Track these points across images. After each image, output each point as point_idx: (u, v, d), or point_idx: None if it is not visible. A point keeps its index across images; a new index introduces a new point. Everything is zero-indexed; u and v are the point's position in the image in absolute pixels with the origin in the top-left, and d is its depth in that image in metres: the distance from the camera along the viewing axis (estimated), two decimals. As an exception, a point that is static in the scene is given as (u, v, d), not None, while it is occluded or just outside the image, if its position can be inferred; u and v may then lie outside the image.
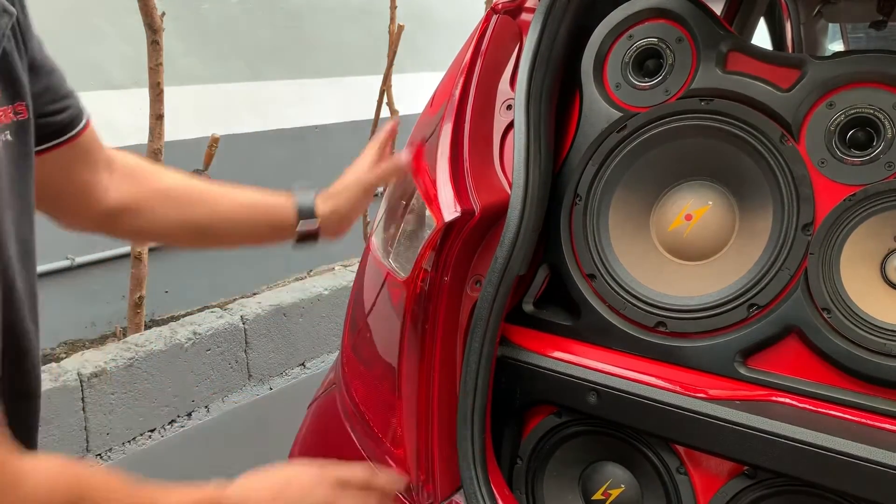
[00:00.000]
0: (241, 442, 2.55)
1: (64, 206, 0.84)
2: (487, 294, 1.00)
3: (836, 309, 0.92)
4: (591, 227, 1.09)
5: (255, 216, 0.94)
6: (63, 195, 0.82)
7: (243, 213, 0.93)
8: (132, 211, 0.87)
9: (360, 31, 4.59)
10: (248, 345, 2.82)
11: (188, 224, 0.90)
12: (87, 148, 0.81)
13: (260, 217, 0.95)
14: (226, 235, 0.94)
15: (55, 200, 0.82)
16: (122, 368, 2.40)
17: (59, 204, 0.83)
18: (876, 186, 0.92)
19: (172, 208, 0.89)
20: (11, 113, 0.65)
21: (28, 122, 0.67)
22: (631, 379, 0.99)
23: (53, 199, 0.81)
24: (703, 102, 1.04)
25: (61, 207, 0.84)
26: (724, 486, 0.96)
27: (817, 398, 0.92)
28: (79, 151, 0.80)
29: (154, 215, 0.88)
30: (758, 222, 1.01)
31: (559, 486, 1.09)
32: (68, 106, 0.77)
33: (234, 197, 0.93)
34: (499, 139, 1.11)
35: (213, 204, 0.91)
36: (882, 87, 0.94)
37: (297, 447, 1.31)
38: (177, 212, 0.89)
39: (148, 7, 2.39)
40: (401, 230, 1.12)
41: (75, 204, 0.83)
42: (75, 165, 0.80)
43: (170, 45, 2.62)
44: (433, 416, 1.00)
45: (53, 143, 0.76)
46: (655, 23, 1.09)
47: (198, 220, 0.91)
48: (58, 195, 0.81)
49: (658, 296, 1.04)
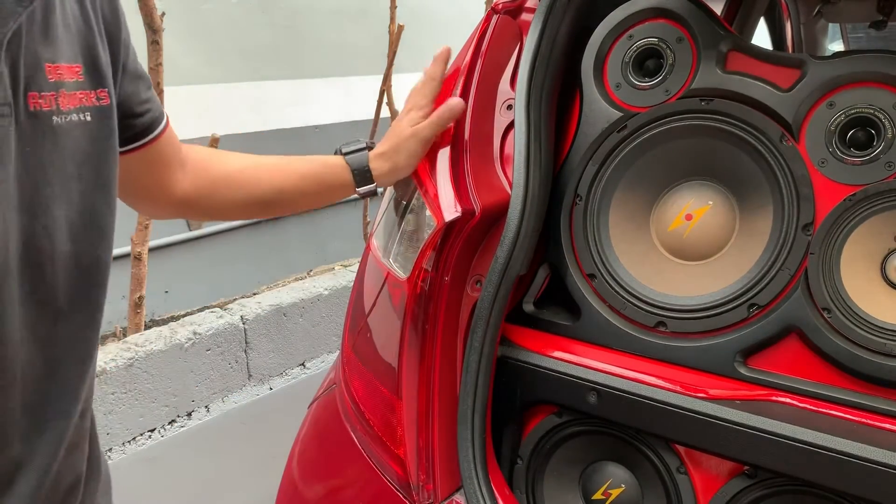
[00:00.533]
0: (241, 442, 2.55)
1: (143, 199, 0.93)
2: (488, 294, 1.00)
3: (837, 309, 0.92)
4: (592, 226, 1.09)
5: (314, 186, 1.02)
6: (143, 190, 0.90)
7: (302, 184, 1.01)
8: (203, 198, 0.96)
9: (360, 31, 4.59)
10: (247, 345, 2.82)
11: (253, 201, 0.99)
12: (166, 148, 0.88)
13: (319, 187, 1.03)
14: (288, 205, 1.04)
15: (135, 194, 0.90)
16: (122, 368, 2.40)
17: (139, 196, 0.92)
18: (876, 186, 0.92)
19: (238, 189, 0.98)
20: (94, 98, 0.70)
21: (110, 108, 0.72)
22: (631, 379, 0.99)
23: (134, 193, 0.89)
24: (703, 102, 1.04)
25: (141, 199, 0.93)
26: (724, 485, 0.96)
27: (817, 398, 0.92)
28: (159, 152, 0.86)
29: (223, 198, 0.98)
30: (758, 222, 1.01)
31: (559, 485, 1.09)
32: (149, 109, 0.83)
33: (294, 170, 1.01)
34: (499, 139, 1.11)
35: (273, 181, 1.00)
36: (882, 86, 0.94)
37: (297, 447, 1.31)
38: (242, 192, 0.98)
39: (148, 7, 2.39)
40: (401, 230, 1.12)
41: (154, 197, 0.92)
42: (155, 165, 0.88)
43: (170, 45, 2.62)
44: (433, 415, 1.00)
45: (137, 145, 0.83)
46: (655, 23, 1.09)
47: (261, 197, 0.99)
48: (138, 190, 0.89)
49: (658, 296, 1.04)
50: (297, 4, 4.45)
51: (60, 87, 0.66)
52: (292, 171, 1.01)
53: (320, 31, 4.50)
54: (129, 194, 0.89)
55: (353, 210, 3.94)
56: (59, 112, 0.65)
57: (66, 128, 0.66)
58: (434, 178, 1.04)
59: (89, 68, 0.70)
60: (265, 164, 1.01)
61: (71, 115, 0.67)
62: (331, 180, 1.02)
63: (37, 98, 0.63)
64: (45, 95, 0.64)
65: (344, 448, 1.15)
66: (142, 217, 2.55)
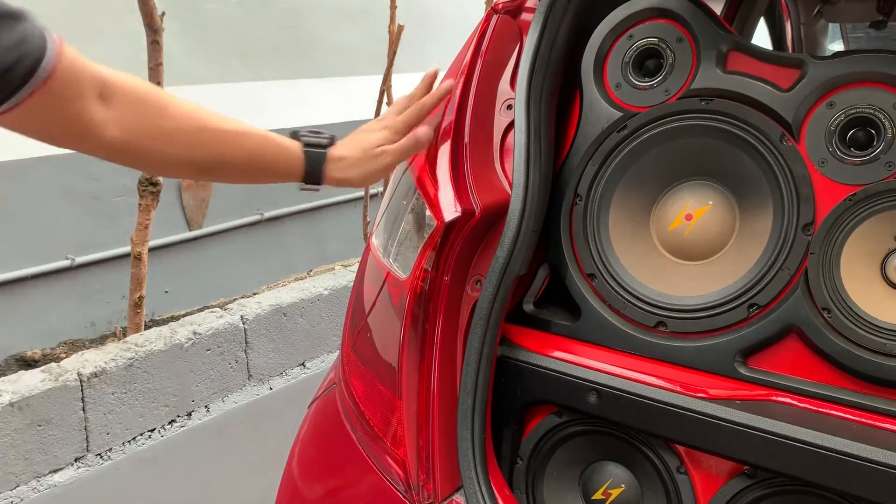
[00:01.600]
0: (241, 442, 2.55)
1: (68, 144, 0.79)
2: (488, 294, 1.00)
3: (837, 309, 0.92)
4: (592, 226, 1.09)
5: (260, 167, 0.94)
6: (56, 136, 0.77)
7: (249, 163, 0.93)
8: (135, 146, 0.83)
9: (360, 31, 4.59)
10: (247, 345, 2.82)
11: (190, 163, 0.90)
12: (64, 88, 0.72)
13: (265, 170, 0.95)
14: (227, 177, 0.96)
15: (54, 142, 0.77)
16: (122, 368, 2.40)
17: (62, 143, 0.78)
18: (876, 186, 0.92)
19: (178, 148, 0.87)
20: None
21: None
22: (631, 379, 0.99)
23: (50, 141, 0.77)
24: (703, 102, 1.04)
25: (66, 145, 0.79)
26: (724, 485, 0.96)
27: (817, 398, 0.92)
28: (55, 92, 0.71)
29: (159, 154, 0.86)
30: (758, 222, 1.01)
31: (559, 485, 1.09)
32: (19, 56, 0.67)
33: (245, 146, 0.92)
34: (499, 139, 1.11)
35: (218, 148, 0.90)
36: (882, 86, 0.94)
37: (297, 446, 1.31)
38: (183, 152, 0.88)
39: (148, 7, 2.39)
40: (401, 230, 1.12)
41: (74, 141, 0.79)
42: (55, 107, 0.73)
43: (170, 45, 2.62)
44: (433, 415, 1.00)
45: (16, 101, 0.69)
46: (655, 22, 1.09)
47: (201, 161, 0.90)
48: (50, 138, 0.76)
49: (658, 296, 1.04)
50: (297, 4, 4.45)
51: None
52: (243, 148, 0.92)
53: (320, 31, 4.51)
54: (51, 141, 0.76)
55: (353, 210, 3.94)
56: None
57: None
58: (434, 177, 1.04)
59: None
60: (214, 128, 0.90)
61: None
62: (280, 167, 0.95)
63: None
64: None
65: (344, 448, 1.15)
66: (142, 217, 2.55)
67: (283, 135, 0.96)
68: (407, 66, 3.88)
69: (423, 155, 1.10)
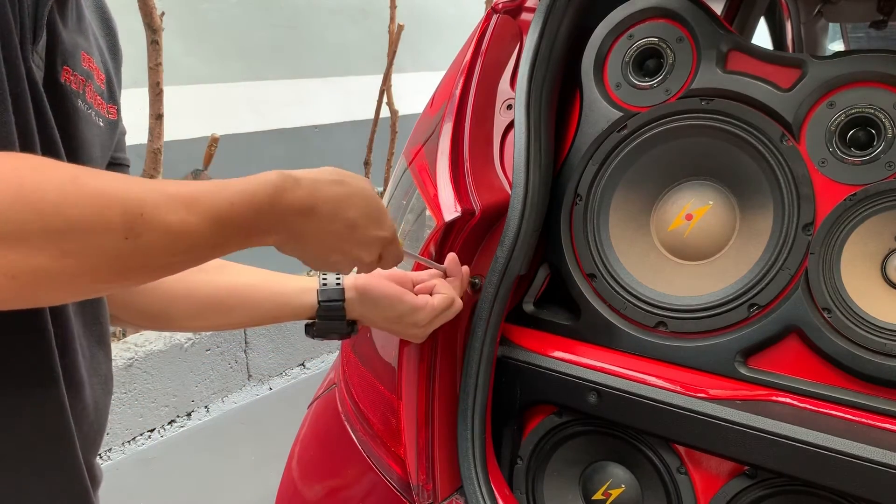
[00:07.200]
0: (241, 442, 2.55)
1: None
2: (488, 294, 1.00)
3: (837, 309, 0.92)
4: (592, 226, 1.09)
5: (270, 322, 0.91)
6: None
7: (263, 322, 0.90)
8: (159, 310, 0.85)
9: (360, 31, 4.59)
10: (247, 345, 2.82)
11: (207, 326, 0.90)
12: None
13: (275, 322, 0.91)
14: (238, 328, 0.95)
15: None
16: (122, 368, 2.40)
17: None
18: (876, 186, 0.92)
19: (192, 317, 0.87)
20: (106, 110, 0.69)
21: (116, 124, 0.71)
22: (631, 379, 0.99)
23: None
24: (703, 102, 1.04)
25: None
26: (724, 485, 0.96)
27: (818, 398, 0.92)
28: None
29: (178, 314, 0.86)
30: (758, 222, 1.01)
31: (559, 485, 1.09)
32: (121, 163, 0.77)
33: (263, 315, 0.89)
34: (499, 139, 1.11)
35: (240, 320, 0.90)
36: (882, 86, 0.94)
37: (297, 447, 1.31)
38: (201, 322, 0.88)
39: (148, 7, 2.39)
40: (401, 230, 1.12)
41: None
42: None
43: (170, 45, 2.62)
44: (433, 415, 1.00)
45: None
46: (656, 22, 1.09)
47: (218, 326, 0.90)
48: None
49: (658, 296, 1.04)
50: (297, 4, 4.45)
51: (89, 80, 0.65)
52: (261, 317, 0.89)
53: (320, 31, 4.51)
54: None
55: (353, 210, 3.92)
56: (84, 101, 0.64)
57: (88, 118, 0.65)
58: (434, 177, 1.04)
59: (108, 83, 0.70)
60: (226, 293, 0.87)
61: (91, 111, 0.65)
62: (289, 318, 0.90)
63: (69, 74, 0.62)
64: (76, 76, 0.63)
65: (344, 448, 1.15)
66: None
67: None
68: (407, 66, 3.89)
69: (423, 155, 1.10)
